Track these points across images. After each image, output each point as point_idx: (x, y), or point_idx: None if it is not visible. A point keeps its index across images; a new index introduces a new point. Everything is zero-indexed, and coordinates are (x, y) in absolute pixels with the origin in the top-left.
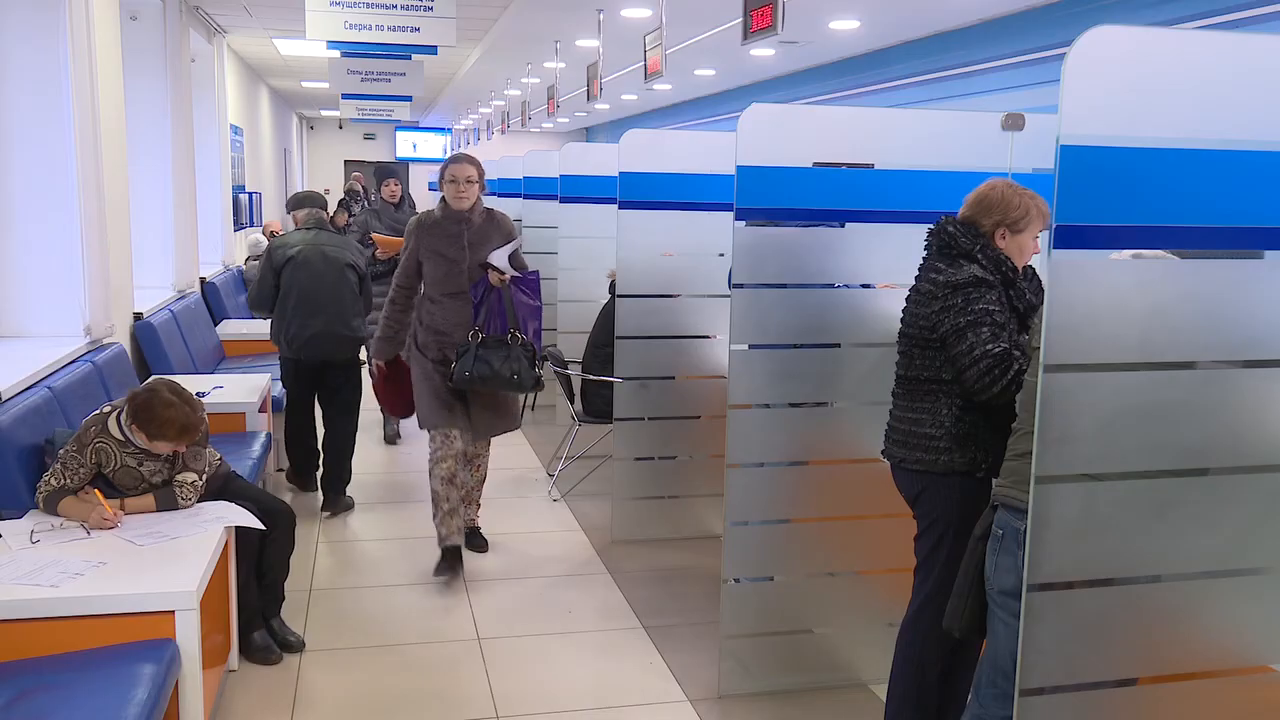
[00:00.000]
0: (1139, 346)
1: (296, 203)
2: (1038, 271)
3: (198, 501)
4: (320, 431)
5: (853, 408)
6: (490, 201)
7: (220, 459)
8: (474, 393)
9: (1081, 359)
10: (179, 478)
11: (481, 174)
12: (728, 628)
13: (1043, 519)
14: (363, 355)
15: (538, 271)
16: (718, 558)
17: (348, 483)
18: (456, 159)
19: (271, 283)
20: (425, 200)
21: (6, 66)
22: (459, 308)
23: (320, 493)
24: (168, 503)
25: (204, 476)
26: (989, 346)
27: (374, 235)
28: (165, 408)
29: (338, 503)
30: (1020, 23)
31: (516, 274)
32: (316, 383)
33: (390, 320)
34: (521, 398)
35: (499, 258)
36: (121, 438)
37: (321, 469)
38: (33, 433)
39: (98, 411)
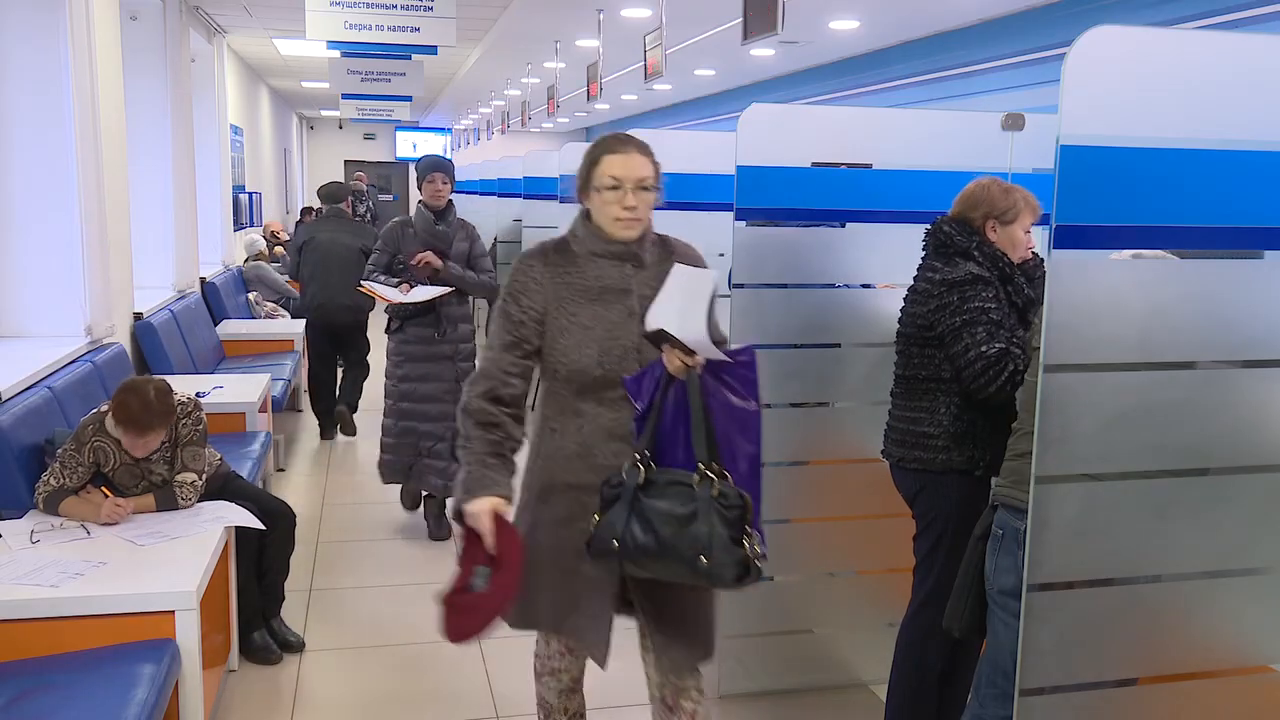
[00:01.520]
0: (1139, 346)
1: (326, 194)
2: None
3: (198, 501)
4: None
5: (853, 408)
6: (490, 202)
7: (220, 459)
8: (635, 580)
9: (1081, 359)
10: (179, 478)
11: (659, 173)
12: (728, 627)
13: (1043, 519)
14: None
15: (752, 349)
16: None
17: (354, 411)
18: (620, 142)
19: (295, 259)
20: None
21: (6, 66)
22: (611, 417)
23: (337, 427)
24: (167, 503)
25: (204, 476)
26: (984, 347)
27: (417, 259)
28: (122, 392)
29: (349, 425)
30: (1020, 23)
31: (717, 356)
32: (332, 340)
33: (482, 439)
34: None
35: (687, 324)
36: (117, 437)
37: (337, 402)
38: (33, 433)
39: (95, 410)
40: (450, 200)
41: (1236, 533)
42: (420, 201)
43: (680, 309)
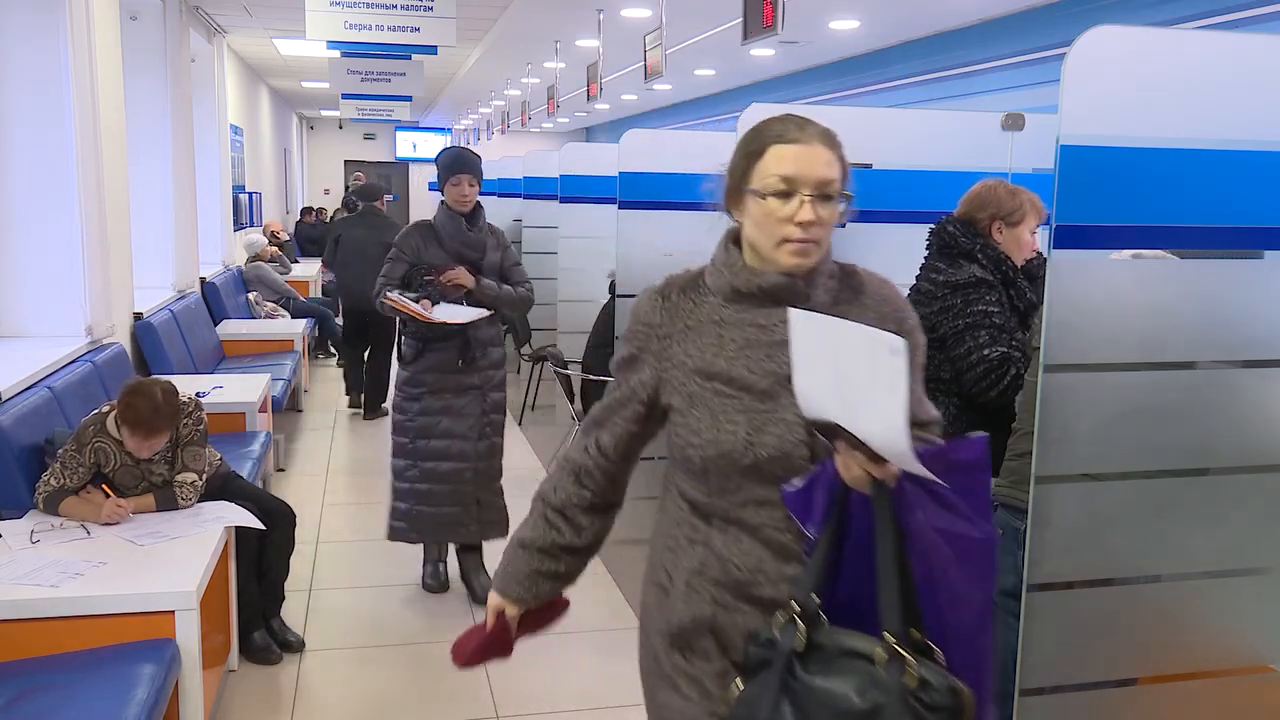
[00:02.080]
0: (1139, 346)
1: (360, 192)
2: None
3: (198, 501)
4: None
5: None
6: (491, 202)
7: (220, 459)
8: None
9: (1081, 359)
10: (179, 478)
11: (848, 174)
12: None
13: (1043, 519)
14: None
15: (984, 441)
16: None
17: (384, 399)
18: (797, 126)
19: (331, 250)
20: (424, 203)
21: (6, 66)
22: (763, 539)
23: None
24: (168, 503)
25: (204, 476)
26: (986, 351)
27: (447, 277)
28: (130, 394)
29: (376, 410)
30: (1020, 23)
31: (922, 472)
32: (361, 327)
33: (550, 531)
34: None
35: (872, 412)
36: (119, 437)
37: (364, 391)
38: (33, 433)
39: (96, 411)
40: (479, 202)
41: (1236, 533)
42: (443, 203)
43: (851, 384)
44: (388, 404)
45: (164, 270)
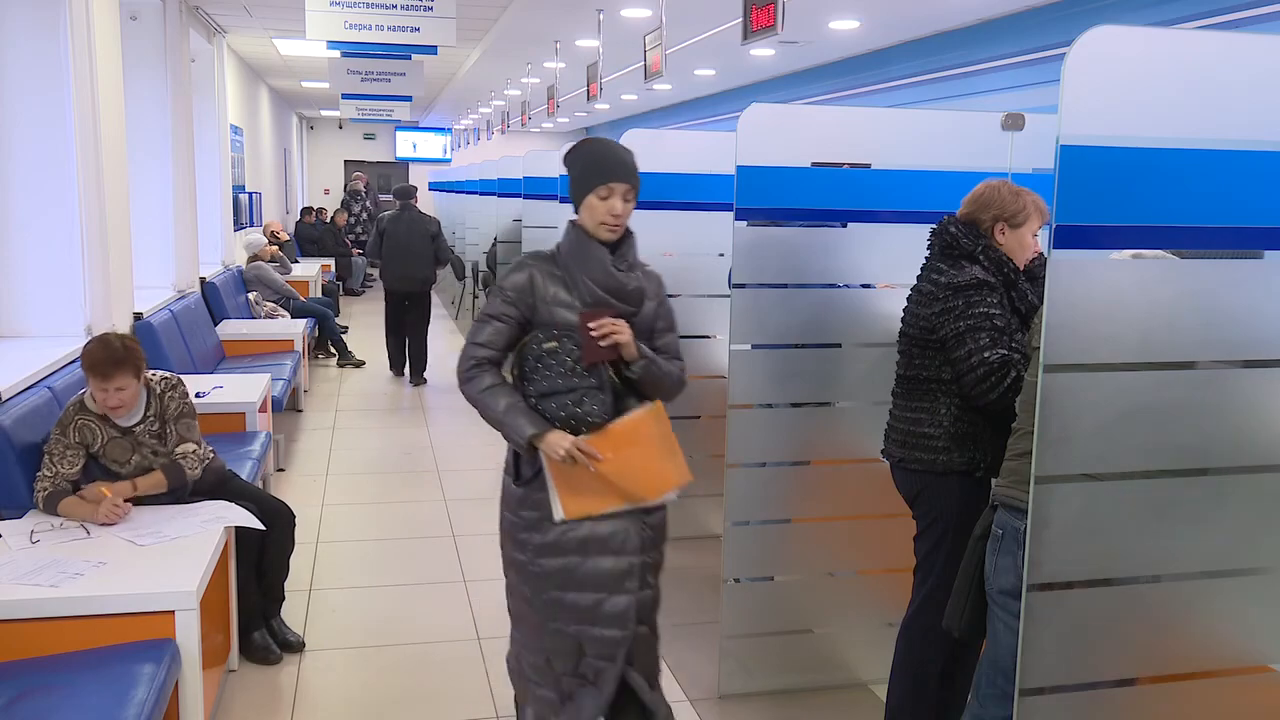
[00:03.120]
0: (1139, 346)
1: (398, 192)
2: None
3: (199, 501)
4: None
5: (854, 408)
6: (491, 202)
7: (213, 453)
8: None
9: (1081, 359)
10: (179, 449)
11: None
12: (728, 627)
13: (1042, 519)
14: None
15: None
16: (718, 558)
17: (424, 369)
18: None
19: (377, 241)
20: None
21: (6, 66)
22: None
23: (408, 376)
24: (176, 475)
25: (202, 446)
26: (987, 354)
27: (600, 326)
28: (88, 343)
29: (419, 378)
30: (1020, 23)
31: None
32: (401, 306)
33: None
34: None
35: None
36: (99, 411)
37: (408, 362)
38: (33, 433)
39: (73, 397)
40: (629, 229)
41: (1236, 533)
42: (574, 224)
43: None
44: (427, 373)
45: (164, 270)
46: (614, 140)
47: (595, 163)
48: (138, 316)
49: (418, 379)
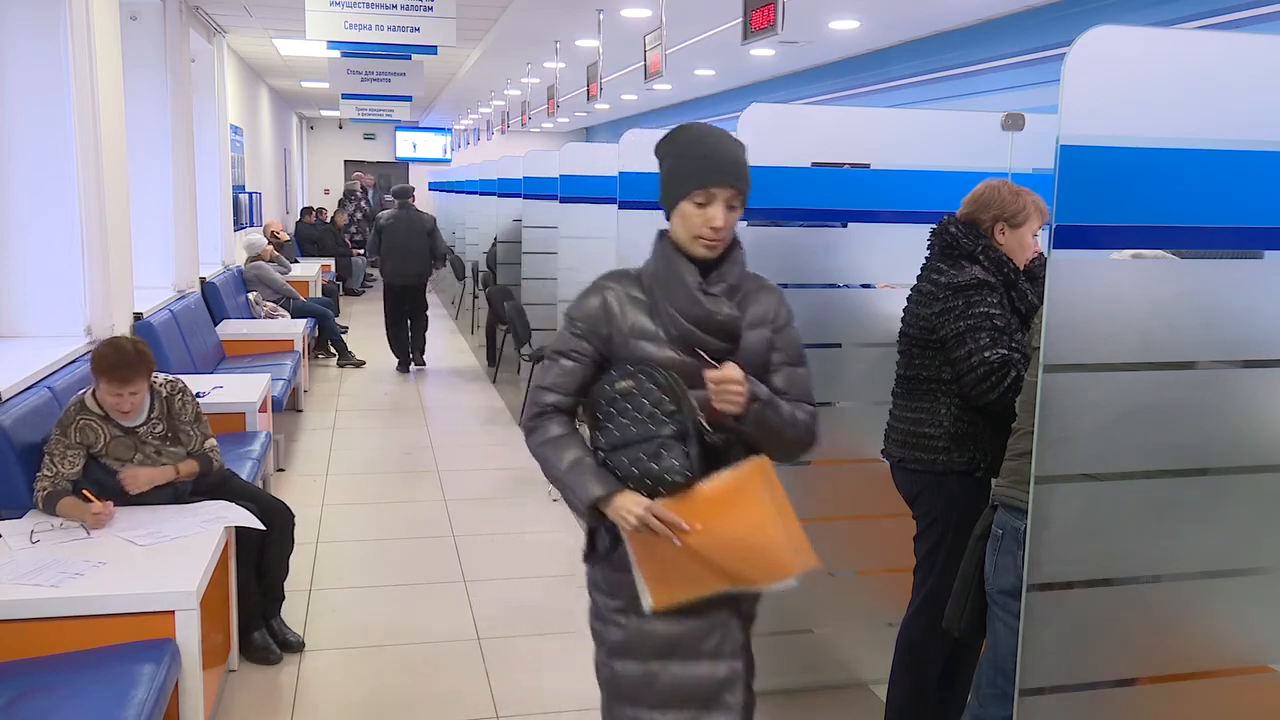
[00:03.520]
0: (1139, 346)
1: (397, 192)
2: None
3: (197, 500)
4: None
5: (854, 408)
6: (491, 202)
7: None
8: None
9: (1081, 359)
10: (206, 445)
11: None
12: None
13: (1042, 519)
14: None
15: None
16: None
17: (423, 348)
18: None
19: (376, 239)
20: (423, 203)
21: (6, 66)
22: None
23: (412, 364)
24: (207, 465)
25: (213, 438)
26: (987, 354)
27: (716, 380)
28: (99, 346)
29: (419, 358)
30: (1020, 23)
31: None
32: (400, 299)
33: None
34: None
35: None
36: (100, 411)
37: (410, 350)
38: (33, 433)
39: (73, 398)
40: (736, 239)
41: (1236, 533)
42: (664, 235)
43: None
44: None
45: (164, 270)
46: (719, 128)
47: (693, 160)
48: (138, 316)
49: (418, 359)
